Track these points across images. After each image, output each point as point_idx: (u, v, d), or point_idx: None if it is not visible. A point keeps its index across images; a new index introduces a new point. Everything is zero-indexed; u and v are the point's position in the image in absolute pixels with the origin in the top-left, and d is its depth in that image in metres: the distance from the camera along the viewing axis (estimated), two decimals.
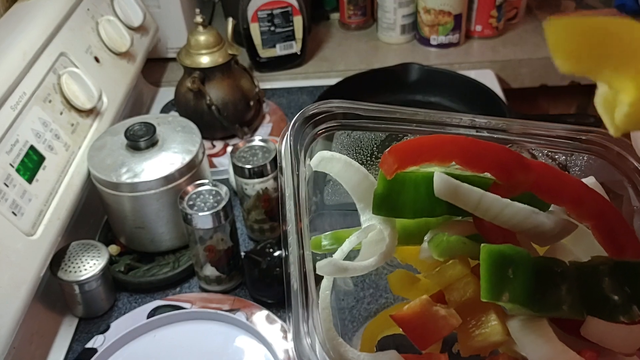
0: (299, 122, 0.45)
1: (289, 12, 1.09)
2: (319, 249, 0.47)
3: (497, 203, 0.39)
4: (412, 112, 0.47)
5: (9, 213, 0.63)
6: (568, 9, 1.25)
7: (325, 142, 0.47)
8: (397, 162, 0.39)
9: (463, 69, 1.09)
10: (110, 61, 0.91)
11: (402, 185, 0.42)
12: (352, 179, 0.45)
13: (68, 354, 0.69)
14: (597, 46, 0.31)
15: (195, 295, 0.73)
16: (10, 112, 0.67)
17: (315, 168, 0.45)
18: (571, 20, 0.32)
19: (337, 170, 0.45)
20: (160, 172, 0.72)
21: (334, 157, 0.45)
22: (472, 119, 0.47)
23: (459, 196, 0.40)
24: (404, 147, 0.41)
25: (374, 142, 0.48)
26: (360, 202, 0.46)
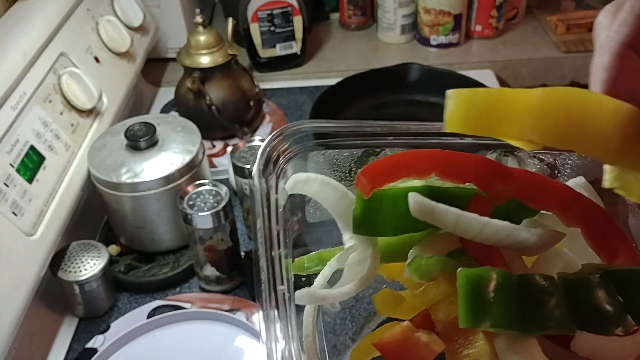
0: (269, 147, 0.44)
1: (289, 12, 1.09)
2: (302, 270, 0.46)
3: (475, 223, 0.38)
4: (388, 125, 0.46)
5: (9, 213, 0.63)
6: (568, 9, 1.25)
7: (300, 162, 0.46)
8: (371, 183, 0.39)
9: (463, 69, 1.09)
10: (110, 61, 0.91)
11: (380, 203, 0.41)
12: (330, 198, 0.45)
13: (68, 354, 0.69)
14: (487, 116, 0.36)
15: (195, 295, 0.73)
16: (11, 112, 0.67)
17: (290, 191, 0.44)
18: (468, 92, 0.37)
19: (315, 190, 0.44)
20: (160, 172, 0.72)
21: (309, 179, 0.44)
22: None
23: (435, 217, 0.38)
24: (377, 167, 0.40)
25: (350, 158, 0.47)
26: (341, 220, 0.45)
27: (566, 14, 1.20)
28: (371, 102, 1.05)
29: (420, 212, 0.38)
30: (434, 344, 0.36)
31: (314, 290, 0.41)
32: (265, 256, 0.39)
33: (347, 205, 0.44)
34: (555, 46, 1.14)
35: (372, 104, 1.05)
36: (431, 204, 0.38)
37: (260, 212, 0.41)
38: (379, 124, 0.46)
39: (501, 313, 0.35)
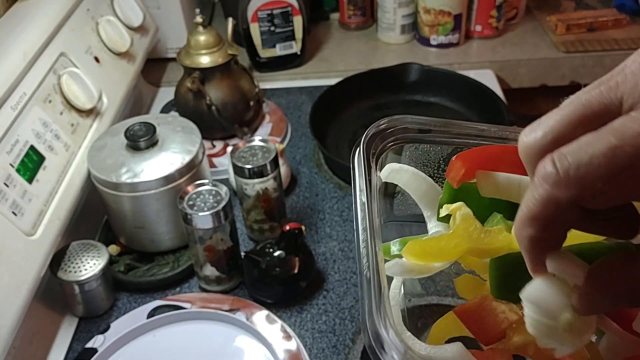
0: (371, 134, 0.47)
1: (289, 12, 1.09)
2: (388, 254, 0.48)
3: None
4: (479, 127, 0.48)
5: (9, 213, 0.63)
6: (568, 9, 1.25)
7: (394, 154, 0.49)
8: (464, 167, 0.41)
9: (463, 69, 1.09)
10: (110, 61, 0.91)
11: (466, 193, 0.43)
12: (419, 189, 0.48)
13: (68, 353, 0.69)
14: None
15: (195, 295, 0.73)
16: (11, 112, 0.67)
17: (384, 179, 0.47)
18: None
19: (405, 180, 0.47)
20: (160, 172, 0.72)
21: (402, 169, 0.47)
22: None
23: (500, 187, 0.40)
24: (470, 154, 0.42)
25: (441, 155, 0.50)
26: (427, 210, 0.48)
27: (566, 14, 1.20)
28: (371, 102, 1.05)
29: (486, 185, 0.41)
30: (510, 311, 0.38)
31: (404, 261, 0.43)
32: (369, 228, 0.41)
33: (434, 196, 0.47)
34: (555, 46, 1.14)
35: (372, 104, 1.05)
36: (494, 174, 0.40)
37: (363, 188, 0.44)
38: (471, 125, 0.49)
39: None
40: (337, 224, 0.83)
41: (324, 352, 0.67)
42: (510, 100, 1.04)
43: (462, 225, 0.41)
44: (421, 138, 0.49)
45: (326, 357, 0.67)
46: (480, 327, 0.38)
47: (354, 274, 0.76)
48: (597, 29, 1.17)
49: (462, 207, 0.42)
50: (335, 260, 0.78)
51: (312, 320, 0.71)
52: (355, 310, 0.72)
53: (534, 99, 1.20)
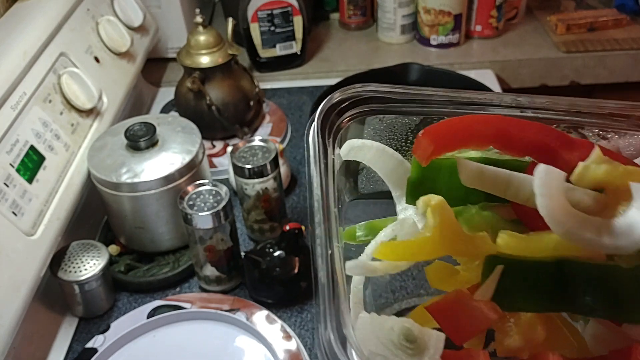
0: (326, 108, 0.42)
1: (289, 12, 1.09)
2: (353, 240, 0.44)
3: (528, 182, 0.36)
4: (448, 93, 0.44)
5: (9, 213, 0.63)
6: (568, 9, 1.25)
7: (357, 127, 0.44)
8: (432, 144, 0.36)
9: (463, 69, 1.09)
10: (110, 61, 0.91)
11: (436, 172, 0.39)
12: (386, 166, 0.43)
13: (68, 354, 0.69)
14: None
15: (195, 295, 0.73)
16: (11, 112, 0.67)
17: (345, 157, 0.43)
18: None
19: (370, 157, 0.43)
20: (160, 172, 0.72)
21: (364, 145, 0.42)
22: (514, 98, 0.43)
23: (485, 181, 0.37)
24: (438, 128, 0.38)
25: (408, 126, 0.45)
26: (396, 190, 0.43)
27: (566, 14, 1.20)
28: None
29: (471, 177, 0.37)
30: (490, 310, 0.34)
31: (366, 262, 0.39)
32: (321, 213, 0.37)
33: (403, 173, 0.42)
34: (555, 46, 1.14)
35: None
36: (479, 167, 0.37)
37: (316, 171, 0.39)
38: (439, 91, 0.44)
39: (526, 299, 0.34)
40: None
41: None
42: None
43: (440, 229, 0.36)
44: (384, 109, 0.44)
45: None
46: (456, 326, 0.35)
47: None
48: (597, 28, 1.17)
49: (441, 204, 0.37)
50: None
51: (312, 320, 0.70)
52: None
53: None
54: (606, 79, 1.14)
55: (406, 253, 0.37)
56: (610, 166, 0.36)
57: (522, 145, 0.38)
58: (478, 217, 0.39)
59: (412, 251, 0.37)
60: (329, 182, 0.39)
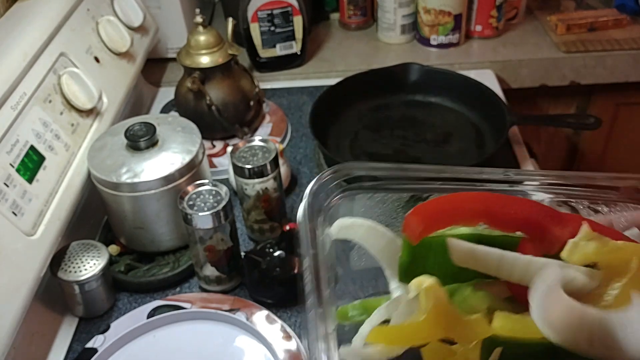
0: (315, 187, 0.43)
1: (289, 12, 1.09)
2: (346, 319, 0.44)
3: (519, 261, 0.36)
4: (437, 169, 0.44)
5: (9, 213, 0.63)
6: (568, 9, 1.25)
7: (347, 205, 0.45)
8: (422, 224, 0.37)
9: (463, 69, 1.09)
10: (110, 61, 0.91)
11: (427, 250, 0.39)
12: (377, 244, 0.43)
13: (68, 354, 0.69)
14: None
15: (195, 295, 0.73)
16: (11, 112, 0.67)
17: (335, 236, 0.43)
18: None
19: (360, 235, 0.43)
20: (160, 172, 0.72)
21: (355, 224, 0.43)
22: (504, 173, 0.44)
23: (477, 260, 0.37)
24: (427, 207, 0.38)
25: (398, 202, 0.46)
26: (388, 268, 0.44)
27: (566, 14, 1.20)
28: (371, 102, 1.05)
29: (462, 256, 0.37)
30: None
31: (360, 350, 0.38)
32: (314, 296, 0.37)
33: (394, 251, 0.42)
34: (556, 46, 1.14)
35: (372, 104, 1.05)
36: (470, 247, 0.37)
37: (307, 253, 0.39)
38: (427, 168, 0.44)
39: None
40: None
41: None
42: (511, 100, 1.04)
43: (434, 313, 0.36)
44: (374, 186, 0.45)
45: None
46: None
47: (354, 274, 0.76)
48: (597, 29, 1.17)
49: (434, 287, 0.37)
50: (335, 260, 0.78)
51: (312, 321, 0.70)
52: None
53: (534, 99, 1.20)
54: (606, 79, 1.14)
55: (400, 338, 0.37)
56: (599, 243, 0.37)
57: (511, 221, 0.38)
58: (472, 297, 0.39)
59: (406, 336, 0.37)
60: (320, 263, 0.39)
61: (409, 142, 0.96)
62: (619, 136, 1.26)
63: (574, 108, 1.22)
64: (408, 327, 0.37)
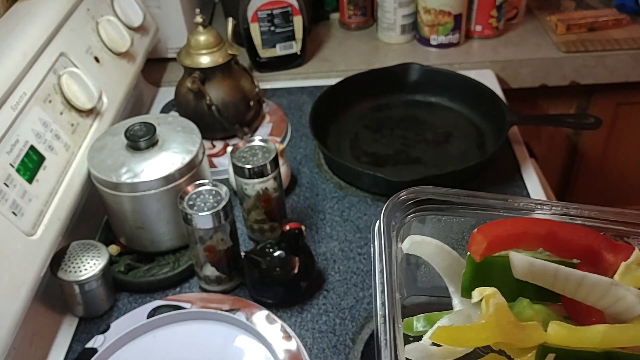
0: (391, 205, 0.46)
1: (289, 12, 1.09)
2: (411, 331, 0.47)
3: (574, 276, 0.39)
4: (503, 198, 0.48)
5: (9, 213, 0.63)
6: (568, 9, 1.25)
7: (417, 225, 0.48)
8: (485, 240, 0.40)
9: (463, 69, 1.09)
10: (110, 61, 0.91)
11: (489, 268, 0.42)
12: (443, 262, 0.46)
13: (68, 354, 0.69)
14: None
15: (195, 295, 0.73)
16: (11, 112, 0.67)
17: (406, 251, 0.46)
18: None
19: (428, 253, 0.46)
20: (160, 172, 0.72)
21: (424, 241, 0.46)
22: (564, 207, 0.47)
23: (535, 273, 0.40)
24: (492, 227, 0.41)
25: (464, 226, 0.49)
26: (451, 285, 0.47)
27: (566, 14, 1.20)
28: (371, 102, 1.05)
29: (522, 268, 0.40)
30: None
31: (425, 346, 0.41)
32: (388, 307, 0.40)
33: (458, 270, 0.45)
34: (555, 46, 1.14)
35: (372, 104, 1.05)
36: (530, 259, 0.39)
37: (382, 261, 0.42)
38: (495, 196, 0.48)
39: None
40: (338, 224, 0.83)
41: (324, 352, 0.67)
42: (511, 100, 1.04)
43: (494, 317, 0.39)
44: (444, 209, 0.48)
45: (326, 357, 0.67)
46: None
47: (354, 274, 0.76)
48: (597, 28, 1.17)
49: (495, 294, 0.40)
50: (336, 260, 0.78)
51: (312, 321, 0.70)
52: (355, 310, 0.72)
53: (534, 99, 1.20)
54: (606, 78, 1.14)
55: (462, 338, 0.40)
56: None
57: (570, 247, 0.41)
58: (529, 309, 0.41)
59: (469, 336, 0.40)
60: (393, 270, 0.43)
61: (409, 142, 0.96)
62: (619, 136, 1.26)
63: (574, 108, 1.22)
64: (470, 328, 0.40)
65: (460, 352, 0.41)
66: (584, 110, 1.22)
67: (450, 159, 0.92)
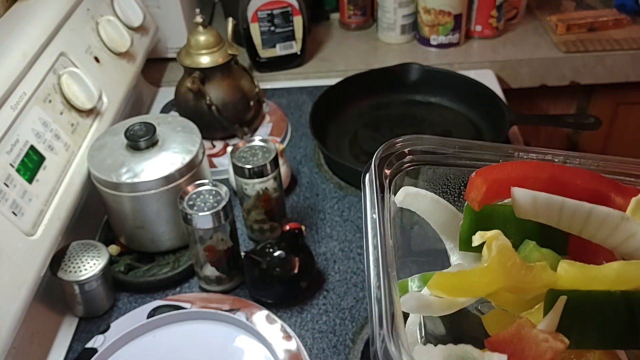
0: (382, 155, 0.43)
1: (289, 12, 1.09)
2: (406, 292, 0.43)
3: (581, 208, 0.35)
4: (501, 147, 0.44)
5: (9, 213, 0.63)
6: (568, 9, 1.25)
7: (410, 178, 0.44)
8: (484, 185, 0.36)
9: (463, 69, 1.09)
10: (110, 61, 0.91)
11: (489, 218, 0.39)
12: (440, 217, 0.43)
13: (68, 354, 0.69)
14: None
15: (195, 295, 0.73)
16: (11, 112, 0.67)
17: (399, 204, 0.43)
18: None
19: (424, 207, 0.43)
20: (160, 172, 0.72)
21: (419, 194, 0.42)
22: (565, 156, 0.43)
23: (539, 208, 0.36)
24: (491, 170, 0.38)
25: (462, 179, 0.45)
26: (448, 241, 0.43)
27: (566, 14, 1.20)
28: (371, 102, 1.05)
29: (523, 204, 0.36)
30: (556, 339, 0.33)
31: (421, 295, 0.37)
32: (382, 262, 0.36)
33: (456, 225, 0.42)
34: (555, 46, 1.14)
35: (372, 104, 1.05)
36: (533, 193, 0.36)
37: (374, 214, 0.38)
38: (496, 145, 0.44)
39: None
40: (338, 224, 0.83)
41: (324, 352, 0.67)
42: (511, 100, 1.04)
43: (498, 259, 0.35)
44: (439, 160, 0.45)
45: (326, 357, 0.67)
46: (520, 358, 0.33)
47: (354, 274, 0.76)
48: (597, 28, 1.17)
49: (498, 236, 0.36)
50: (336, 260, 0.78)
51: (312, 321, 0.70)
52: (355, 310, 0.72)
53: (534, 99, 1.20)
54: (606, 78, 1.14)
55: (463, 284, 0.36)
56: None
57: (575, 190, 0.37)
58: (536, 252, 0.38)
59: (470, 282, 0.36)
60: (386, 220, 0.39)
61: None
62: (618, 136, 1.26)
63: (574, 108, 1.22)
64: (472, 273, 0.36)
65: (461, 304, 0.37)
66: (584, 110, 1.22)
67: None
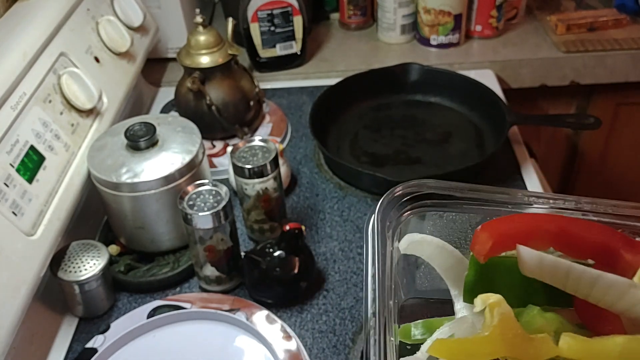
0: (387, 200, 0.42)
1: (289, 12, 1.09)
2: (408, 338, 0.43)
3: (587, 275, 0.35)
4: (510, 192, 0.43)
5: (9, 213, 0.63)
6: (568, 9, 1.25)
7: (417, 222, 0.44)
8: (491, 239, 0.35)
9: (463, 69, 1.09)
10: (110, 61, 0.91)
11: (494, 270, 0.38)
12: (445, 263, 0.42)
13: (68, 354, 0.69)
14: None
15: (195, 295, 0.73)
16: (11, 112, 0.67)
17: (403, 251, 0.42)
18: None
19: (429, 253, 0.42)
20: (160, 172, 0.72)
21: (424, 240, 0.42)
22: (576, 202, 0.42)
23: (545, 270, 0.35)
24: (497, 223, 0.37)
25: (469, 223, 0.45)
26: (454, 288, 0.43)
27: (566, 14, 1.20)
28: (371, 102, 1.05)
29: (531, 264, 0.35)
30: None
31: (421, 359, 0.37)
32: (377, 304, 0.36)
33: (462, 271, 0.41)
34: (555, 46, 1.14)
35: (372, 104, 1.05)
36: (540, 254, 0.35)
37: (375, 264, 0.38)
38: (501, 190, 0.43)
39: None
40: (338, 224, 0.83)
41: (324, 352, 0.67)
42: (511, 100, 1.04)
43: (499, 329, 0.35)
44: (445, 204, 0.44)
45: (326, 357, 0.67)
46: None
47: (354, 274, 0.76)
48: (597, 28, 1.17)
49: (500, 302, 0.36)
50: (336, 260, 0.78)
51: (312, 321, 0.70)
52: (355, 310, 0.72)
53: (534, 99, 1.20)
54: (606, 78, 1.14)
55: (462, 352, 0.35)
56: None
57: (583, 245, 0.37)
58: (540, 318, 0.37)
59: (469, 350, 0.35)
60: (387, 274, 0.38)
61: (409, 142, 0.96)
62: (619, 136, 1.26)
63: (574, 108, 1.22)
64: (471, 341, 0.36)
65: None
66: (584, 110, 1.22)
67: (450, 159, 0.92)
